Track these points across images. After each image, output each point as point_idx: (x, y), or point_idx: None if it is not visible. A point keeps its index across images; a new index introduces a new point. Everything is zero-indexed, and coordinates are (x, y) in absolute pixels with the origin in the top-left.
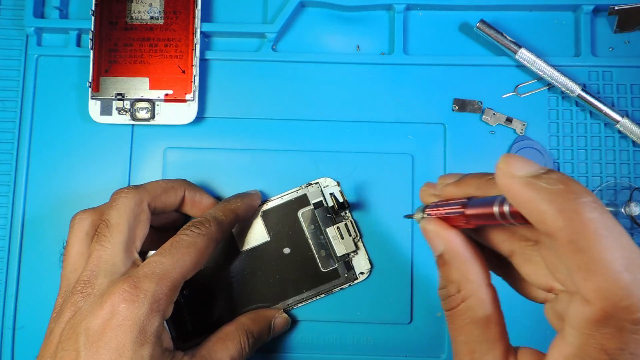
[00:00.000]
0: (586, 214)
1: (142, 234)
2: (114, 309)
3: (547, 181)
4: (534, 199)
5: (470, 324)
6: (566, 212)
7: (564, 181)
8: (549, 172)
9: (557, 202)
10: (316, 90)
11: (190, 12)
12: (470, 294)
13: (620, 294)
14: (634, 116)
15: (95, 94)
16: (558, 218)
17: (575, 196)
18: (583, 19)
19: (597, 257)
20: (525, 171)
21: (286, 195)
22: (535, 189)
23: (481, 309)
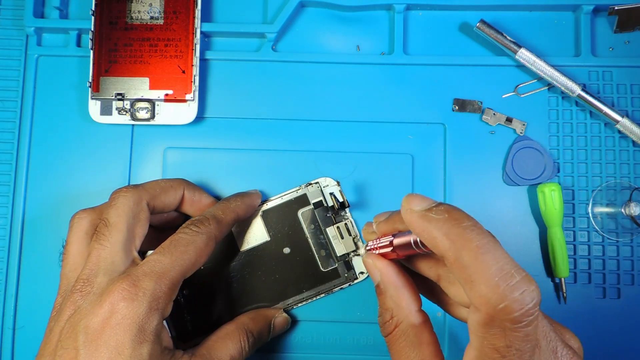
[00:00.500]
0: (466, 235)
1: (142, 233)
2: (113, 308)
3: (435, 212)
4: (427, 227)
5: (406, 347)
6: (450, 235)
7: (448, 211)
8: (438, 205)
9: (443, 229)
10: (316, 90)
11: (190, 12)
12: (402, 319)
13: (497, 299)
14: (634, 116)
15: (95, 94)
16: (445, 241)
17: (457, 222)
18: (583, 19)
19: (477, 270)
20: (420, 206)
21: (286, 195)
22: (427, 220)
23: (413, 333)
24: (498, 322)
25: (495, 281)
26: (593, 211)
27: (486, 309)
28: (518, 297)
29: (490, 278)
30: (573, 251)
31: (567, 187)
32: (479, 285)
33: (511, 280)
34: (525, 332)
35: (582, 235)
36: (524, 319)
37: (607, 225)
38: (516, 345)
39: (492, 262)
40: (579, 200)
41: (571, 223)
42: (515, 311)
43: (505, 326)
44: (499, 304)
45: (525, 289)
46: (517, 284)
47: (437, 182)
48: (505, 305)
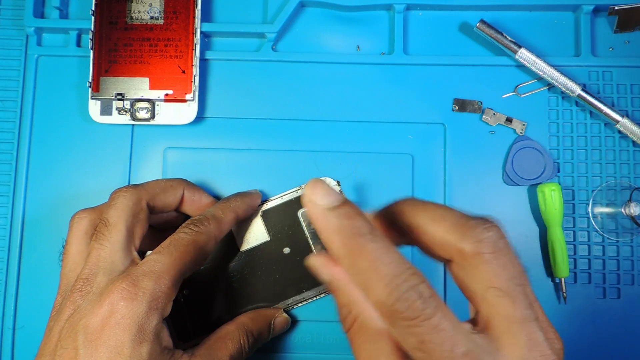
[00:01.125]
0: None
1: (141, 233)
2: (112, 307)
3: (337, 215)
4: (325, 228)
5: (366, 342)
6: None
7: (350, 216)
8: (342, 205)
9: (341, 234)
10: (316, 90)
11: (190, 12)
12: (359, 313)
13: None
14: (634, 116)
15: (95, 94)
16: (341, 248)
17: (356, 231)
18: (583, 19)
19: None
20: (324, 201)
21: (286, 195)
22: (327, 220)
23: (372, 325)
24: (398, 321)
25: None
26: (593, 211)
27: (384, 312)
28: (404, 296)
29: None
30: (573, 251)
31: (567, 187)
32: (372, 290)
33: (398, 282)
34: (431, 325)
35: (582, 235)
36: (416, 313)
37: (607, 225)
38: (428, 338)
39: (383, 268)
40: (579, 200)
41: (571, 223)
42: (404, 309)
43: (405, 324)
44: (391, 306)
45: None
46: (403, 283)
47: (437, 182)
48: (395, 306)
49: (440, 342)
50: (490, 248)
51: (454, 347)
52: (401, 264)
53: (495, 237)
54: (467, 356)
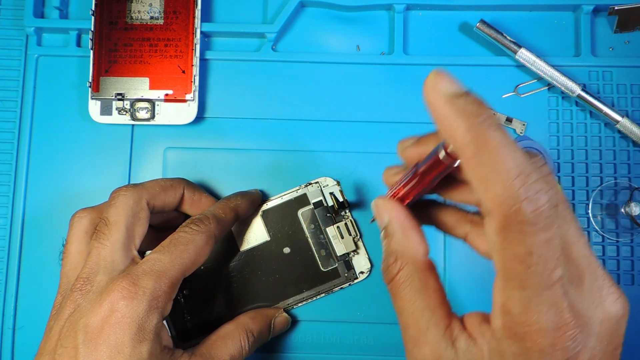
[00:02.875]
0: (490, 133)
1: (141, 232)
2: (112, 306)
3: (465, 101)
4: (451, 115)
5: (410, 293)
6: (474, 129)
7: (478, 104)
8: (468, 93)
9: (468, 121)
10: (316, 90)
11: (190, 12)
12: (407, 262)
13: (512, 198)
14: (634, 116)
15: (95, 94)
16: (467, 134)
17: (483, 118)
18: (583, 19)
19: (494, 170)
20: (449, 89)
21: (286, 195)
22: (453, 106)
23: (418, 277)
24: (514, 224)
25: (511, 181)
26: (593, 211)
27: (501, 210)
28: (533, 197)
29: (506, 177)
30: None
31: (567, 187)
32: (494, 185)
33: (528, 180)
34: (546, 237)
35: None
36: (539, 220)
37: (607, 225)
38: (537, 251)
39: (510, 162)
40: (579, 200)
41: None
42: (530, 211)
43: (522, 229)
44: (514, 204)
45: (540, 189)
46: (534, 184)
47: None
48: (520, 205)
49: (547, 260)
50: None
51: (555, 268)
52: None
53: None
54: (559, 281)
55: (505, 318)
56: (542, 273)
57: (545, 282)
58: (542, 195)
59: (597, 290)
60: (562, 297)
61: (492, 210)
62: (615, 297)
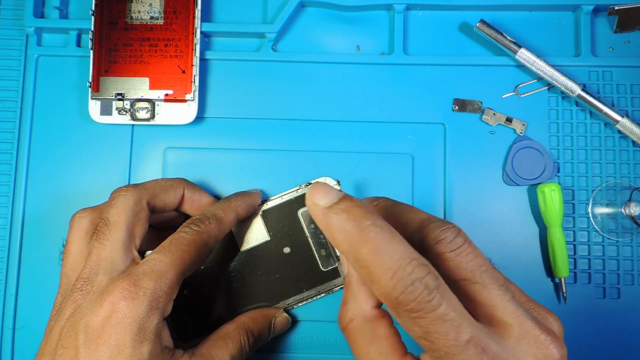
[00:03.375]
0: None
1: (142, 232)
2: (113, 307)
3: (335, 211)
4: (328, 226)
5: (362, 342)
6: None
7: (347, 210)
8: (339, 201)
9: (343, 229)
10: (316, 90)
11: (190, 12)
12: (357, 314)
13: (394, 293)
14: (634, 116)
15: (95, 94)
16: (344, 243)
17: (356, 222)
18: (583, 19)
19: (372, 271)
20: (323, 201)
21: (286, 195)
22: (328, 218)
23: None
24: (403, 313)
25: (387, 281)
26: (593, 211)
27: (389, 303)
28: (409, 289)
29: (383, 278)
30: (573, 251)
31: (567, 187)
32: (377, 283)
33: (403, 274)
34: (435, 316)
35: (582, 235)
36: (421, 305)
37: (607, 225)
38: (432, 329)
39: (386, 260)
40: (579, 200)
41: (571, 223)
42: (410, 300)
43: (410, 316)
44: (395, 299)
45: (415, 278)
46: (409, 276)
47: (437, 182)
48: (401, 298)
49: (445, 332)
50: (449, 247)
51: (458, 335)
52: (406, 254)
53: (452, 237)
54: (471, 342)
55: None
56: (446, 343)
57: (454, 350)
58: (416, 285)
59: (529, 341)
60: (479, 355)
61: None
62: (548, 345)
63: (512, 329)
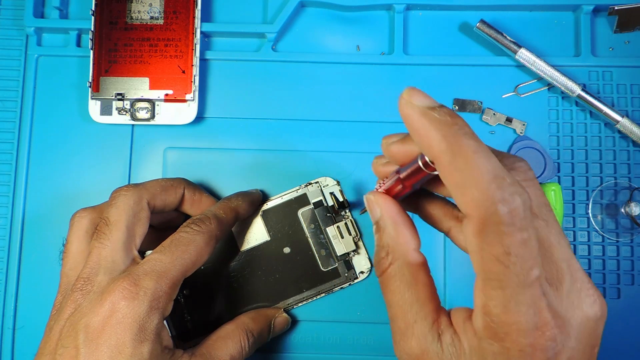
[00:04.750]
0: (464, 140)
1: (142, 232)
2: (113, 307)
3: (438, 113)
4: (425, 126)
5: (401, 286)
6: (449, 137)
7: (451, 114)
8: (441, 106)
9: (443, 130)
10: (316, 90)
11: (190, 12)
12: (398, 256)
13: (488, 201)
14: (634, 116)
15: (95, 94)
16: (442, 142)
17: (458, 127)
18: (583, 19)
19: (470, 174)
20: (422, 103)
21: (286, 195)
22: (428, 118)
23: (409, 271)
24: (491, 226)
25: (486, 184)
26: (593, 211)
27: (478, 212)
28: (507, 199)
29: (482, 181)
30: (573, 251)
31: (567, 187)
32: (470, 189)
33: (502, 183)
34: (522, 238)
35: (582, 235)
36: (515, 220)
37: (607, 225)
38: (514, 251)
39: (485, 167)
40: (579, 200)
41: (571, 223)
42: (505, 212)
43: (499, 230)
44: (490, 206)
45: (514, 191)
46: (508, 186)
47: None
48: (496, 207)
49: (525, 259)
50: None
51: (532, 268)
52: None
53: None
54: (537, 280)
55: (486, 319)
56: (519, 272)
57: (523, 282)
58: (515, 197)
59: (577, 292)
60: (540, 297)
61: (470, 214)
62: (594, 299)
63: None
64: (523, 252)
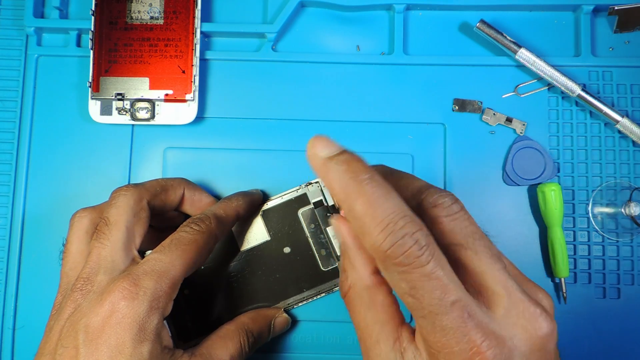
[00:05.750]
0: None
1: (142, 232)
2: (113, 307)
3: (336, 162)
4: (327, 176)
5: (361, 308)
6: (346, 188)
7: (348, 162)
8: (340, 153)
9: (341, 180)
10: (316, 90)
11: (190, 12)
12: (355, 280)
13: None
14: (634, 116)
15: (95, 94)
16: (341, 193)
17: (355, 174)
18: (583, 19)
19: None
20: (324, 152)
21: (286, 195)
22: (327, 168)
23: (367, 294)
24: (391, 267)
25: (376, 234)
26: (593, 211)
27: (377, 256)
28: (400, 242)
29: (373, 232)
30: (573, 251)
31: (567, 187)
32: (369, 235)
33: (395, 228)
34: (423, 272)
35: (582, 235)
36: (410, 260)
37: (607, 225)
38: (419, 285)
39: (380, 212)
40: (579, 200)
41: (571, 223)
42: (399, 254)
43: (399, 269)
44: (384, 251)
45: (406, 233)
46: (400, 230)
47: (437, 182)
48: (390, 251)
49: (431, 290)
50: (445, 212)
51: (444, 295)
52: (399, 209)
53: (450, 202)
54: (457, 304)
55: (425, 343)
56: (431, 302)
57: (439, 310)
58: (407, 239)
59: (517, 312)
60: (464, 319)
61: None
62: (536, 316)
63: (501, 299)
64: (428, 284)
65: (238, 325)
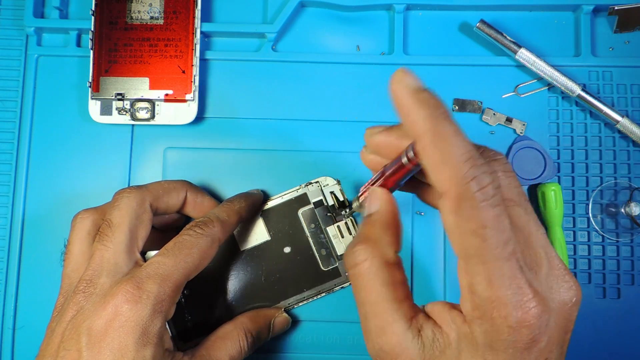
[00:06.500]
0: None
1: (144, 234)
2: (116, 310)
3: (425, 95)
4: (413, 105)
5: (376, 284)
6: (432, 118)
7: (437, 98)
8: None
9: (429, 111)
10: (316, 90)
11: (190, 12)
12: (377, 254)
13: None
14: (634, 116)
15: (95, 94)
16: (426, 122)
17: (441, 111)
18: (583, 19)
19: (448, 152)
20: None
21: (286, 195)
22: (416, 98)
23: (387, 270)
24: (466, 201)
25: (462, 162)
26: (593, 211)
27: (454, 189)
28: (480, 176)
29: (458, 160)
30: (573, 251)
31: (567, 187)
32: (447, 166)
33: (475, 163)
34: (494, 213)
35: (582, 235)
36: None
37: (607, 225)
38: (490, 224)
39: (461, 147)
40: (579, 200)
41: (571, 223)
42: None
43: (474, 204)
44: (465, 182)
45: (485, 170)
46: (480, 166)
47: None
48: (470, 183)
49: (500, 232)
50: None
51: (508, 242)
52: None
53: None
54: (514, 255)
55: (473, 298)
56: (497, 245)
57: (502, 254)
58: (486, 176)
59: (554, 278)
60: (519, 271)
61: (446, 191)
62: (570, 285)
63: (543, 261)
64: (497, 226)
65: (237, 325)
